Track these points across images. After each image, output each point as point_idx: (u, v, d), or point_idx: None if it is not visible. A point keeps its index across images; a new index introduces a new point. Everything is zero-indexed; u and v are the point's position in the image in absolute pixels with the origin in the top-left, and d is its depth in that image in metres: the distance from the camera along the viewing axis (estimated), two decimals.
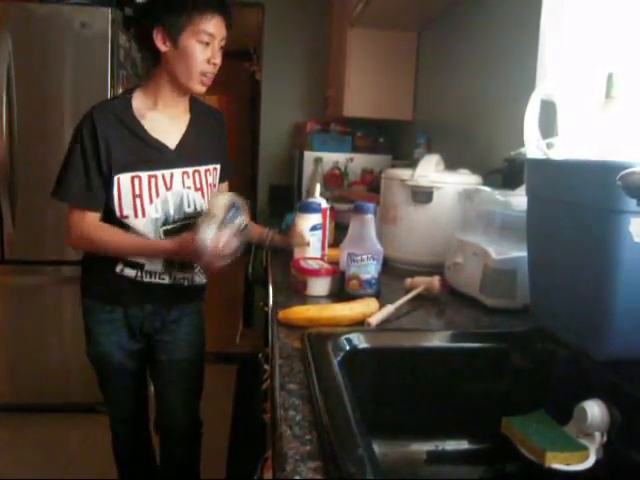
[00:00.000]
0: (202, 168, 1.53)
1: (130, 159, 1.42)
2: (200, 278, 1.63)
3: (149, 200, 1.44)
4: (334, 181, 2.84)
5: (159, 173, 1.45)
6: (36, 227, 2.64)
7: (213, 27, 1.41)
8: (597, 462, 0.76)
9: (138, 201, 1.43)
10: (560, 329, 0.93)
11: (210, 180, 1.56)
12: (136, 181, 1.43)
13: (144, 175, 1.44)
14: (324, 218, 1.43)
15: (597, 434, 0.77)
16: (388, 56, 2.73)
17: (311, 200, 1.47)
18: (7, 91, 2.51)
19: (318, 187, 1.61)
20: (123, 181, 1.42)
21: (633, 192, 0.70)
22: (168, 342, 1.61)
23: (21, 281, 2.67)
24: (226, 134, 1.66)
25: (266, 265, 1.90)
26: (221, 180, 1.65)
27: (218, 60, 1.45)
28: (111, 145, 1.41)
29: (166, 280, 1.53)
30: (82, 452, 2.41)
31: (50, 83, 2.57)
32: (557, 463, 0.76)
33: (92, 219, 1.44)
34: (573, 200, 0.85)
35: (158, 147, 1.46)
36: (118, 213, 1.43)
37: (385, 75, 2.75)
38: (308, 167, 2.93)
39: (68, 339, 2.70)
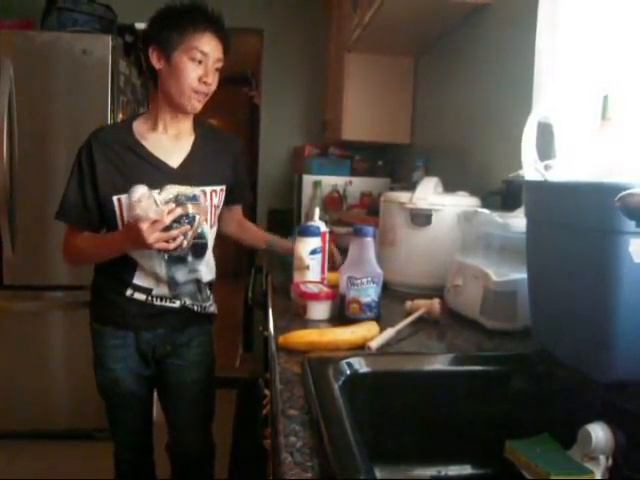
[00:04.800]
0: (208, 189, 1.50)
1: (129, 179, 1.41)
2: (211, 306, 1.62)
3: None
4: (333, 204, 2.84)
5: None
6: (36, 252, 2.63)
7: (206, 45, 1.41)
8: None
9: None
10: (562, 351, 0.92)
11: (215, 201, 1.54)
12: None
13: None
14: (323, 242, 1.43)
15: (602, 458, 0.76)
16: (386, 80, 2.76)
17: (310, 224, 1.47)
18: (8, 117, 2.53)
19: (317, 211, 1.61)
20: (124, 202, 1.42)
21: (632, 213, 0.70)
22: (179, 365, 1.60)
23: (20, 307, 2.65)
24: (242, 158, 1.67)
25: (266, 289, 1.89)
26: (233, 202, 1.66)
27: (210, 79, 1.44)
28: (109, 167, 1.43)
29: (176, 304, 1.52)
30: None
31: (51, 109, 2.59)
32: None
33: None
34: (572, 222, 0.85)
35: (158, 165, 1.46)
36: None
37: (383, 99, 2.77)
38: (307, 191, 2.94)
39: (68, 365, 2.68)
